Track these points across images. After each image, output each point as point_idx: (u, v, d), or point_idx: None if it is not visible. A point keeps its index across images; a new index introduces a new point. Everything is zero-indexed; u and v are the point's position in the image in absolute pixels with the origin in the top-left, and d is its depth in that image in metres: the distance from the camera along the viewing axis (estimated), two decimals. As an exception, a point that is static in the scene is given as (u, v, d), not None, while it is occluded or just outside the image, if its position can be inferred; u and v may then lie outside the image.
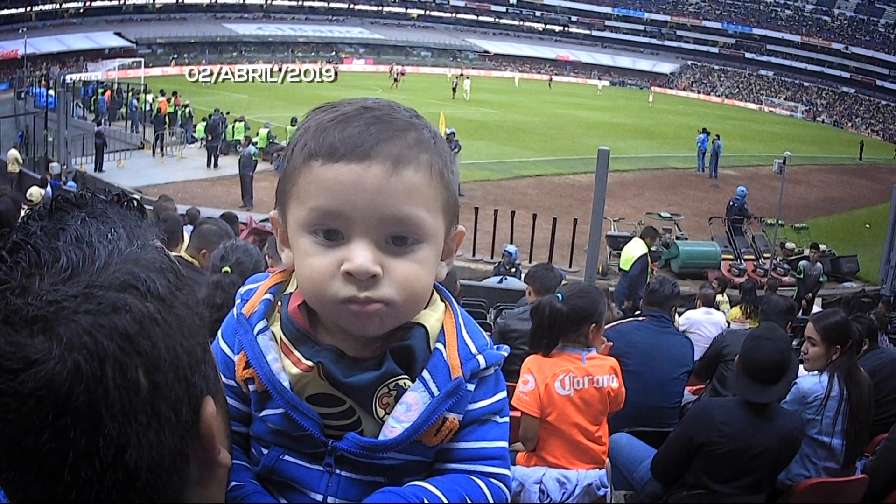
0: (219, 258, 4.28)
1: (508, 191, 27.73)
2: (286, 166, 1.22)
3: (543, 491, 3.91)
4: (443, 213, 1.23)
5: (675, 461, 4.25)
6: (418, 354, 1.24)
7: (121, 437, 0.75)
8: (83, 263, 0.78)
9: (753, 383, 4.11)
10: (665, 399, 5.39)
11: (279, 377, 1.22)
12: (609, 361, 4.11)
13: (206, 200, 21.15)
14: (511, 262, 15.32)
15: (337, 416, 1.23)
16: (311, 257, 1.17)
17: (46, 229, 0.81)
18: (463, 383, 1.23)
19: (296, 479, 1.25)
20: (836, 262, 21.32)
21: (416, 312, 1.25)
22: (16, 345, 0.73)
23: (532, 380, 3.96)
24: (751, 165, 38.80)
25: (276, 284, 1.33)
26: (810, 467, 4.59)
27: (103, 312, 0.76)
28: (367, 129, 1.16)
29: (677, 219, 22.23)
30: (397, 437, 1.20)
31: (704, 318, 8.84)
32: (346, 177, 1.13)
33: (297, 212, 1.18)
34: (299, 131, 1.22)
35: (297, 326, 1.25)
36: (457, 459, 1.27)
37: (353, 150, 1.14)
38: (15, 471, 0.75)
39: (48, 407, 0.72)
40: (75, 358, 0.73)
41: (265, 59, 66.52)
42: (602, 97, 70.54)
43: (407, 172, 1.16)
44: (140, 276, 0.81)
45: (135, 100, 37.19)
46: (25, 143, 29.69)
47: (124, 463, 0.76)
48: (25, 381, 0.72)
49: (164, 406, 0.79)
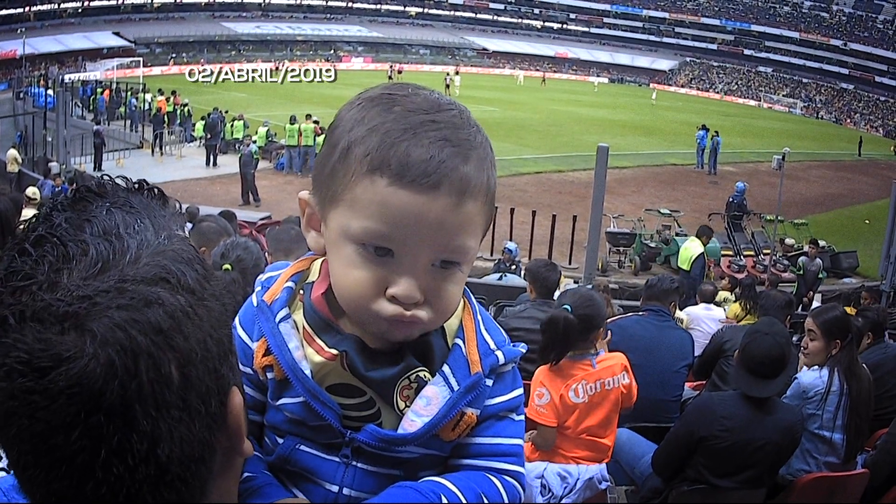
0: (219, 255, 4.28)
1: (508, 188, 27.65)
2: (336, 160, 1.17)
3: (545, 486, 3.93)
4: (483, 233, 1.24)
5: (676, 456, 4.26)
6: (436, 349, 1.24)
7: (154, 431, 0.75)
8: (113, 257, 0.77)
9: (752, 377, 4.12)
10: (666, 392, 5.41)
11: (301, 365, 1.22)
12: (618, 359, 4.17)
13: (206, 199, 21.10)
14: (511, 259, 15.33)
15: (357, 407, 1.23)
16: (356, 268, 1.16)
17: (71, 221, 0.80)
18: (482, 378, 1.24)
19: (311, 470, 1.25)
20: (835, 258, 21.30)
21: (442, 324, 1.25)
22: (45, 342, 0.72)
23: (546, 392, 4.04)
24: (750, 162, 38.76)
25: (298, 273, 1.32)
26: (811, 462, 4.60)
27: (136, 307, 0.75)
28: (438, 153, 1.12)
29: (677, 215, 22.20)
30: (417, 431, 1.20)
31: (704, 313, 8.86)
32: (412, 206, 1.11)
33: (348, 221, 1.15)
34: (357, 128, 1.16)
35: (321, 315, 1.25)
36: (473, 455, 1.27)
37: (423, 177, 1.10)
38: (41, 468, 0.74)
39: (80, 404, 0.72)
40: (108, 354, 0.72)
41: (264, 57, 66.62)
42: (601, 94, 70.42)
43: (469, 205, 1.15)
44: (171, 268, 0.80)
45: (134, 99, 37.15)
46: (24, 142, 29.62)
47: (156, 457, 0.76)
48: (56, 379, 0.71)
49: (194, 399, 0.79)
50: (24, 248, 0.78)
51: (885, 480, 4.62)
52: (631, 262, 20.62)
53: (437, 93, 1.23)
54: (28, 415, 0.72)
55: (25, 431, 0.73)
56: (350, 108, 1.20)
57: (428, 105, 1.17)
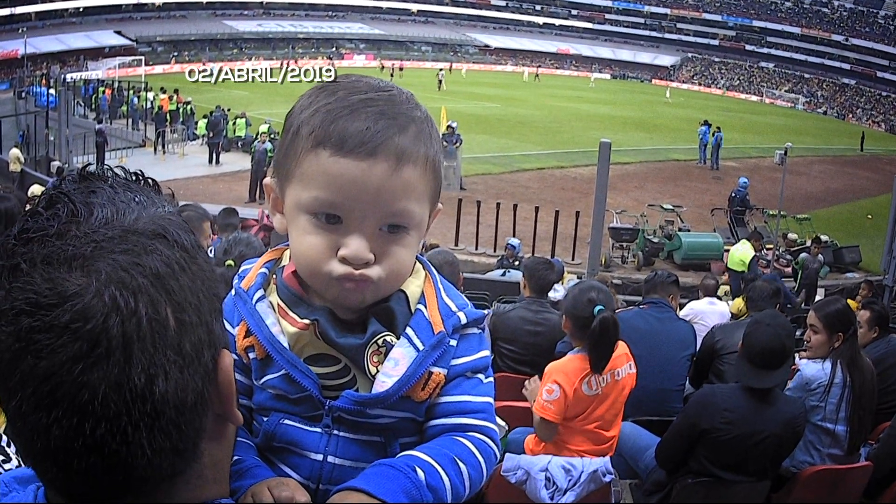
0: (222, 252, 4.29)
1: (510, 184, 27.71)
2: (288, 142, 1.29)
3: (549, 479, 3.94)
4: (429, 202, 1.33)
5: (679, 448, 4.27)
6: (398, 315, 1.32)
7: (150, 368, 0.79)
8: (116, 217, 0.84)
9: (753, 368, 4.13)
10: (668, 381, 5.42)
11: (279, 338, 1.31)
12: (622, 349, 4.19)
13: (209, 197, 21.12)
14: (514, 255, 15.34)
15: (333, 376, 1.31)
16: (309, 235, 1.26)
17: (80, 189, 0.86)
18: (446, 337, 1.32)
19: (295, 442, 1.32)
20: (838, 253, 21.31)
21: (396, 288, 1.33)
22: (53, 281, 0.77)
23: (557, 389, 4.05)
24: (752, 157, 38.77)
25: (271, 260, 1.42)
26: (814, 454, 4.61)
27: (137, 253, 0.81)
28: (374, 125, 1.23)
29: (679, 210, 22.23)
30: (388, 390, 1.27)
31: (708, 308, 8.84)
32: (352, 173, 1.21)
33: (299, 193, 1.26)
34: (305, 112, 1.28)
35: (292, 290, 1.33)
36: (444, 414, 1.34)
37: (360, 146, 1.21)
38: (43, 411, 0.77)
39: (84, 339, 0.76)
40: (112, 291, 0.77)
41: (266, 55, 66.61)
42: (604, 90, 70.30)
43: (406, 170, 1.25)
44: (168, 228, 0.87)
45: (136, 98, 37.15)
46: (27, 142, 29.68)
47: (153, 395, 0.79)
48: (61, 315, 0.75)
49: (188, 346, 0.84)
50: (37, 210, 0.84)
51: (887, 473, 4.63)
52: (634, 257, 20.65)
53: (382, 80, 1.34)
54: (34, 353, 0.76)
55: (30, 373, 0.76)
56: (302, 97, 1.32)
57: (368, 88, 1.29)
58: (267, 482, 1.20)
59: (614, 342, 4.05)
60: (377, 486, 1.15)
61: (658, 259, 20.40)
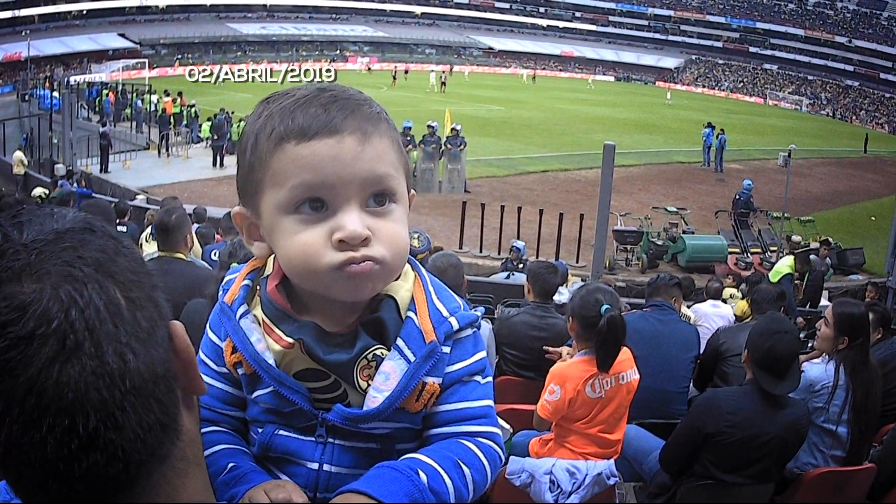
0: (227, 255, 4.30)
1: (514, 187, 27.69)
2: (250, 157, 1.26)
3: (554, 481, 3.95)
4: (405, 176, 1.30)
5: (684, 452, 4.26)
6: (389, 325, 1.29)
7: (119, 348, 0.81)
8: (45, 225, 0.85)
9: (772, 377, 4.10)
10: (671, 383, 5.40)
11: (264, 356, 1.28)
12: (627, 353, 4.20)
13: (213, 200, 21.09)
14: (519, 257, 15.33)
15: (324, 390, 1.29)
16: (298, 234, 1.22)
17: (2, 217, 0.86)
18: (437, 346, 1.29)
19: (290, 452, 1.31)
20: (842, 255, 21.28)
21: (401, 270, 1.31)
22: (8, 298, 0.77)
23: (559, 390, 4.07)
24: (756, 159, 38.71)
25: (253, 270, 1.39)
26: (818, 455, 4.60)
27: (75, 248, 0.83)
28: (331, 107, 1.23)
29: (683, 213, 22.20)
30: (379, 406, 1.25)
31: (712, 310, 8.85)
32: (324, 150, 1.20)
33: (276, 195, 1.23)
34: (258, 121, 1.27)
35: (277, 306, 1.30)
36: (443, 423, 1.32)
37: (324, 127, 1.21)
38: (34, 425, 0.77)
39: (52, 338, 0.77)
40: (65, 287, 0.79)
41: (269, 58, 66.50)
42: (607, 92, 70.31)
43: (374, 140, 1.23)
44: (92, 222, 0.90)
45: (139, 100, 37.23)
46: (30, 145, 29.76)
47: (129, 372, 0.82)
48: (26, 325, 0.76)
49: (143, 320, 0.86)
50: None
51: (891, 475, 4.62)
52: (638, 259, 20.62)
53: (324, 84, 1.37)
54: (10, 372, 0.76)
55: (11, 393, 0.76)
56: (249, 118, 1.31)
57: (319, 88, 1.28)
58: (263, 485, 1.20)
59: (621, 341, 4.06)
60: (379, 489, 1.14)
61: (662, 262, 20.37)
